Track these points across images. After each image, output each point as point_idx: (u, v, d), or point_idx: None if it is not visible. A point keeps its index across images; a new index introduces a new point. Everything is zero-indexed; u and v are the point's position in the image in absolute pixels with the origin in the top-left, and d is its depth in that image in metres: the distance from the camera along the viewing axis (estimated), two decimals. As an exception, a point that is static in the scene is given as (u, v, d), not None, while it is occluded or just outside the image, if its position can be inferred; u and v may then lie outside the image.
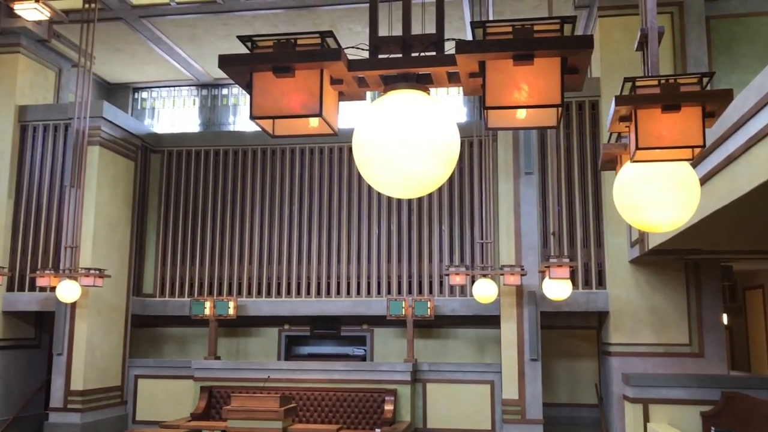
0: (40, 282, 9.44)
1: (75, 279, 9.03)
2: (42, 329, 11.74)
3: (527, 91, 2.09)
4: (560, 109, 2.17)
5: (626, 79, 2.69)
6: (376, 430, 9.80)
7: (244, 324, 12.13)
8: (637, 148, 2.62)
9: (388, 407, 10.08)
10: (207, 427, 9.10)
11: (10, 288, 11.02)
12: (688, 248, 8.14)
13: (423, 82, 2.24)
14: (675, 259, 9.43)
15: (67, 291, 8.92)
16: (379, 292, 11.53)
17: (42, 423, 10.80)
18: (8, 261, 11.04)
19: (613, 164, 3.44)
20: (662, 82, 2.62)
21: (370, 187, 11.69)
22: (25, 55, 11.48)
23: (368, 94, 2.44)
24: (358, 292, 11.59)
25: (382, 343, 11.90)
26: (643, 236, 8.46)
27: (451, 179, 11.39)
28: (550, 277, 7.95)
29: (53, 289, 9.52)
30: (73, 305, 10.48)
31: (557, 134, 10.29)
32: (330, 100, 2.24)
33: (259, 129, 2.20)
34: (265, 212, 12.08)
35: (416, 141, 2.08)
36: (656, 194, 2.90)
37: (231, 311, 11.38)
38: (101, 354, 10.92)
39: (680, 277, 9.81)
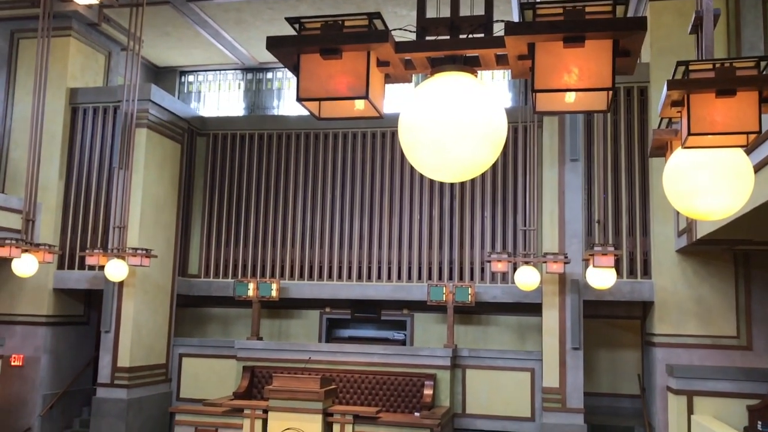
0: (89, 261, 9.68)
1: (123, 258, 9.25)
2: (91, 307, 12.07)
3: (577, 74, 2.05)
4: (611, 92, 2.13)
5: (679, 63, 2.62)
6: (415, 414, 9.84)
7: (286, 306, 12.27)
8: (689, 133, 2.55)
9: (428, 392, 10.10)
10: (249, 406, 9.26)
11: (60, 266, 11.34)
12: (739, 238, 7.93)
13: (470, 65, 2.21)
14: (724, 250, 9.21)
15: (115, 270, 9.15)
16: (419, 278, 11.53)
17: (90, 397, 11.12)
18: (59, 240, 11.35)
19: (663, 151, 3.36)
20: (717, 65, 2.54)
21: (412, 172, 11.67)
22: (76, 38, 11.73)
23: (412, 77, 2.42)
24: (399, 277, 11.62)
25: (422, 328, 11.92)
26: (691, 225, 8.28)
27: (494, 165, 11.29)
28: (594, 266, 7.85)
29: (102, 268, 9.77)
30: (121, 284, 10.74)
31: (604, 121, 10.11)
32: (376, 83, 2.24)
33: (304, 113, 2.22)
34: (307, 196, 12.17)
35: (463, 124, 2.06)
36: (708, 182, 2.82)
37: (273, 293, 11.53)
38: (147, 332, 11.18)
39: (729, 267, 9.58)
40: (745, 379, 8.24)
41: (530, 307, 11.15)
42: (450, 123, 2.06)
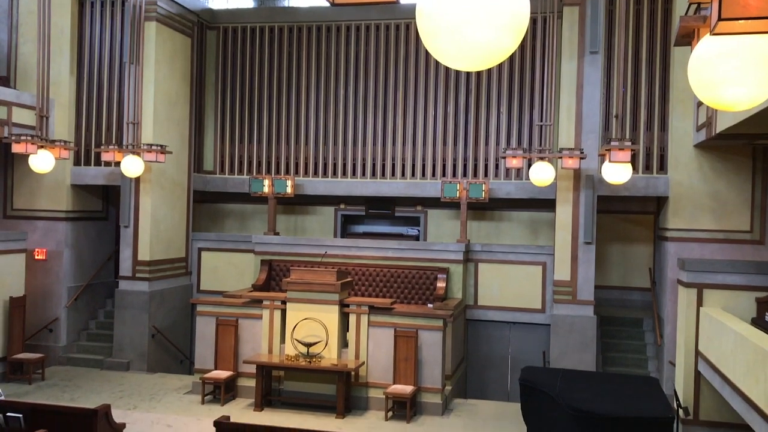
0: (105, 157, 9.74)
1: (138, 154, 9.28)
2: (109, 202, 12.24)
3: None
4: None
5: (713, -58, 2.48)
6: (429, 305, 10.10)
7: (301, 202, 12.39)
8: (720, 19, 2.45)
9: (441, 284, 10.33)
10: (268, 298, 9.53)
11: (77, 162, 11.43)
12: (759, 133, 7.80)
13: (493, -55, 2.10)
14: (743, 144, 9.09)
15: (131, 165, 9.20)
16: (433, 175, 11.53)
17: (113, 290, 11.48)
18: (73, 136, 11.37)
19: (689, 39, 3.25)
20: (753, -56, 2.40)
21: (427, 67, 11.43)
22: (79, -74, 11.29)
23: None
24: (413, 174, 11.62)
25: (435, 224, 12.03)
26: (711, 119, 8.13)
27: (511, 58, 11.03)
28: (610, 161, 7.78)
29: (118, 164, 9.83)
30: (138, 180, 10.83)
31: (626, 10, 9.75)
32: (394, -34, 2.14)
33: (315, 3, 2.13)
34: (320, 91, 12.01)
35: (485, 9, 1.99)
36: (736, 70, 2.72)
37: (289, 189, 11.61)
38: (165, 227, 11.37)
39: (747, 162, 9.49)
40: (755, 272, 8.31)
41: (543, 203, 11.19)
42: (470, 8, 1.99)
